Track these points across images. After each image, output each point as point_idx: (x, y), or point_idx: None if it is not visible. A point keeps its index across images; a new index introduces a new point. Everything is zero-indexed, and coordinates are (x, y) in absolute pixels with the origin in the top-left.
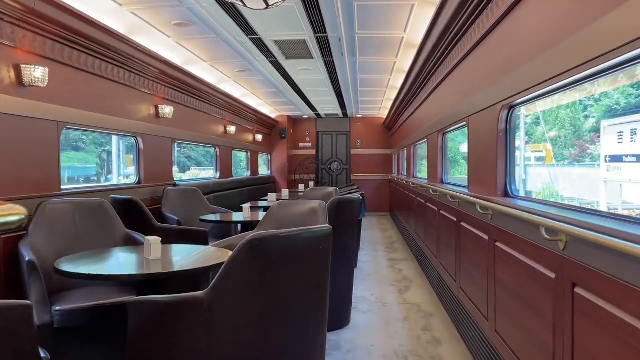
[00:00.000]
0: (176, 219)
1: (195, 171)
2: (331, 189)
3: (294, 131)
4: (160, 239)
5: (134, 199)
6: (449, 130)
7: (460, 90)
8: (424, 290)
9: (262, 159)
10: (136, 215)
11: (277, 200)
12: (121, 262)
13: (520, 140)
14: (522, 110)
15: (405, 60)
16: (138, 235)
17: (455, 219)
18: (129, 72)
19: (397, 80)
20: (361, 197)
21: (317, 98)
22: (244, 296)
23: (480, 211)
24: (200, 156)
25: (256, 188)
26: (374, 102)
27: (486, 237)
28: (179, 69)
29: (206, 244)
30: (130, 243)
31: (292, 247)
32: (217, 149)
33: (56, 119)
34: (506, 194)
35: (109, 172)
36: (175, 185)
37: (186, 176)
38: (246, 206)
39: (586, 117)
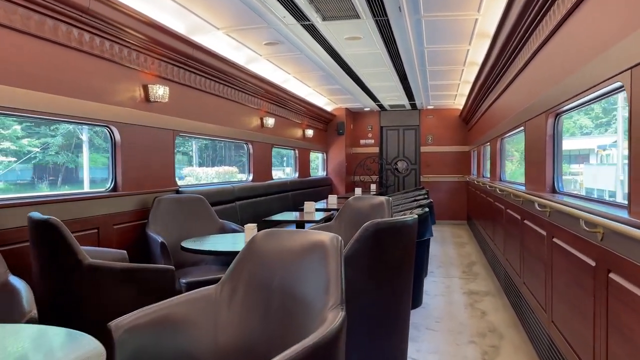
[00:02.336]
0: (160, 240)
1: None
2: (381, 199)
3: (354, 126)
4: None
5: (52, 220)
6: (567, 108)
7: (594, 34)
8: (522, 357)
9: (317, 158)
10: (57, 246)
11: (315, 210)
12: None
13: None
14: None
15: (490, 17)
16: (22, 284)
17: (593, 263)
18: (91, 34)
19: (478, 52)
20: (427, 210)
21: (376, 83)
22: None
23: None
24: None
25: (307, 192)
26: (447, 88)
27: None
28: (177, 36)
29: (172, 290)
30: (7, 302)
31: None
32: (250, 146)
33: None
34: None
35: None
36: (178, 192)
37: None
38: (250, 226)
39: None
